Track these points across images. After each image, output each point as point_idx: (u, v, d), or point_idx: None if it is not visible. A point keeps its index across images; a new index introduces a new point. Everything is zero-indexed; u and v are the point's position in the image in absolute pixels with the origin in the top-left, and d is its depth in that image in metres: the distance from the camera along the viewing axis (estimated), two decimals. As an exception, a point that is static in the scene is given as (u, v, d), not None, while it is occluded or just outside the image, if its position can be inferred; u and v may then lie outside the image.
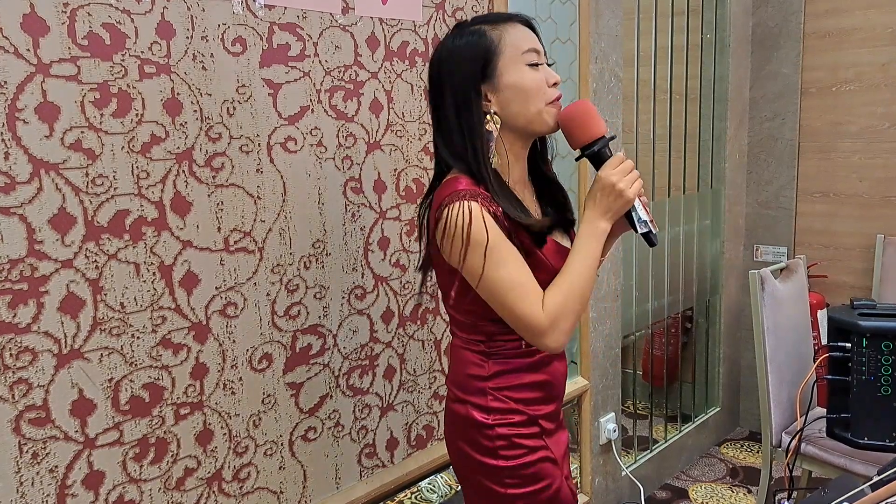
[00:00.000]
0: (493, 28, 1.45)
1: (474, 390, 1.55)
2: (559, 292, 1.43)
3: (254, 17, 1.59)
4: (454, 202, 1.40)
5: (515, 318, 1.42)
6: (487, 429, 1.53)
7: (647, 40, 3.21)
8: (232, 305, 1.62)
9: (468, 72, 1.44)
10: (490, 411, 1.53)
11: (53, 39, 1.32)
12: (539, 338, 1.43)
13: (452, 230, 1.39)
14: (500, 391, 1.54)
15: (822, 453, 2.58)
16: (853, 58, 3.54)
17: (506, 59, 1.44)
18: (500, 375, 1.54)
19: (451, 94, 1.46)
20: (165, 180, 1.49)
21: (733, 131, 3.76)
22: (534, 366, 1.56)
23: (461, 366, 1.58)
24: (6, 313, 1.30)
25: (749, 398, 4.02)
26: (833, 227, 3.70)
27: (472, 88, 1.44)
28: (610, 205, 1.44)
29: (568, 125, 1.48)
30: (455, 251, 1.41)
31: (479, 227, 1.38)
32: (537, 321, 1.41)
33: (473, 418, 1.55)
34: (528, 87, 1.44)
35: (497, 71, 1.44)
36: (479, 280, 1.41)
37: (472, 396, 1.55)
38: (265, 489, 1.74)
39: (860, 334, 2.24)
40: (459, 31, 1.48)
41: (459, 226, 1.38)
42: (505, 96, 1.45)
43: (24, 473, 1.34)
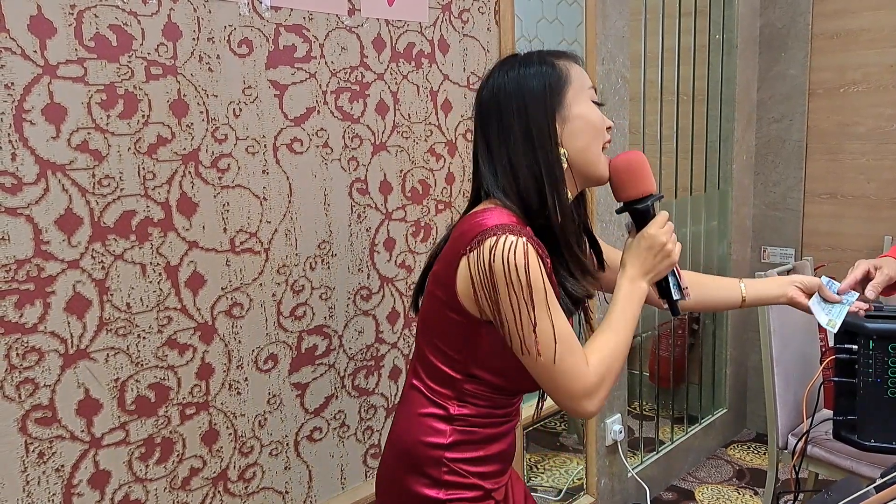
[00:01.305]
0: (557, 59, 1.35)
1: (427, 459, 1.35)
2: (605, 351, 1.29)
3: (260, 18, 1.60)
4: (505, 234, 1.22)
5: (559, 378, 1.25)
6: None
7: (654, 41, 3.21)
8: (238, 306, 1.63)
9: (544, 100, 1.31)
10: (442, 485, 1.34)
11: (60, 41, 1.32)
12: (582, 399, 1.26)
13: (502, 265, 1.20)
14: (457, 463, 1.35)
15: (829, 455, 2.58)
16: (861, 59, 3.53)
17: (574, 90, 1.33)
18: (460, 445, 1.35)
19: (520, 124, 1.31)
20: (172, 181, 1.49)
21: (741, 132, 3.76)
22: (499, 436, 1.40)
23: (414, 429, 1.38)
24: (13, 313, 1.31)
25: (755, 400, 4.01)
26: (840, 229, 3.69)
27: (550, 118, 1.31)
28: (655, 265, 1.35)
29: (623, 175, 1.38)
30: (502, 291, 1.22)
31: (537, 271, 1.21)
32: (585, 379, 1.25)
33: (419, 493, 1.35)
34: (595, 122, 1.34)
35: (566, 101, 1.32)
36: (527, 327, 1.22)
37: (423, 466, 1.35)
38: (270, 489, 1.74)
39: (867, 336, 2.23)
40: (520, 60, 1.36)
41: (514, 263, 1.20)
42: (573, 127, 1.32)
43: (31, 472, 1.35)
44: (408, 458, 1.37)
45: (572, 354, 1.25)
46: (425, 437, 1.35)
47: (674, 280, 1.42)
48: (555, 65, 1.33)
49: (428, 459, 1.34)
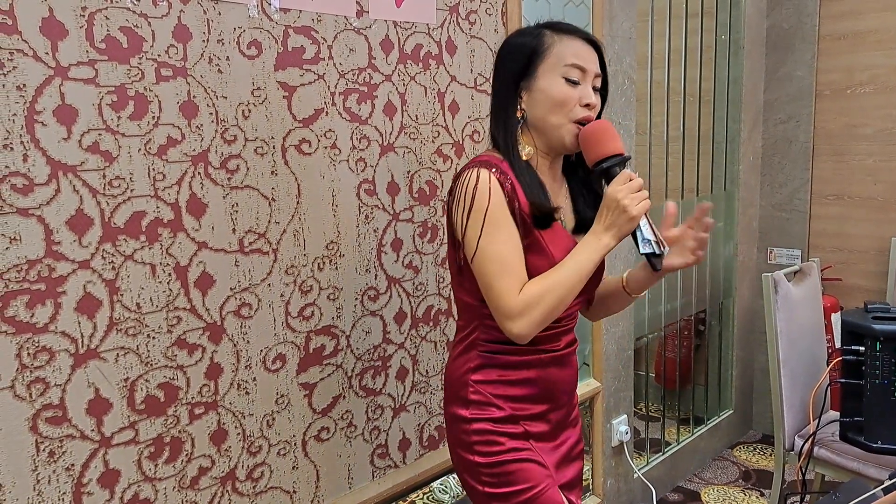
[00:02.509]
0: (552, 34, 1.52)
1: (459, 383, 1.57)
2: (541, 284, 1.44)
3: (269, 20, 1.61)
4: (469, 169, 1.47)
5: (491, 294, 1.45)
6: (465, 423, 1.55)
7: (661, 42, 3.21)
8: (246, 306, 1.64)
9: (513, 66, 1.54)
10: (468, 404, 1.55)
11: (72, 43, 1.33)
12: (506, 320, 1.44)
13: (461, 193, 1.46)
14: (480, 384, 1.55)
15: (835, 457, 2.58)
16: (868, 60, 3.53)
17: (546, 65, 1.50)
18: (483, 368, 1.55)
19: (498, 83, 1.57)
20: (181, 182, 1.50)
21: (747, 133, 3.75)
22: (522, 364, 1.56)
23: (452, 359, 1.62)
24: (24, 313, 1.31)
25: (762, 401, 4.00)
26: (847, 230, 3.69)
27: (512, 81, 1.53)
28: (614, 220, 1.44)
29: (584, 141, 1.50)
30: (459, 215, 1.47)
31: (483, 192, 1.43)
32: (509, 302, 1.43)
33: (454, 412, 1.57)
34: (554, 97, 1.50)
35: (536, 73, 1.51)
36: (470, 246, 1.45)
37: (456, 389, 1.58)
38: (278, 489, 1.75)
39: (874, 338, 2.23)
40: (525, 29, 1.60)
41: (466, 188, 1.45)
42: (533, 98, 1.52)
43: (41, 471, 1.36)
44: (449, 386, 1.62)
45: (503, 276, 1.43)
46: (460, 365, 1.59)
47: (641, 235, 1.48)
48: (542, 38, 1.52)
49: (459, 383, 1.57)
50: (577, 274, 1.44)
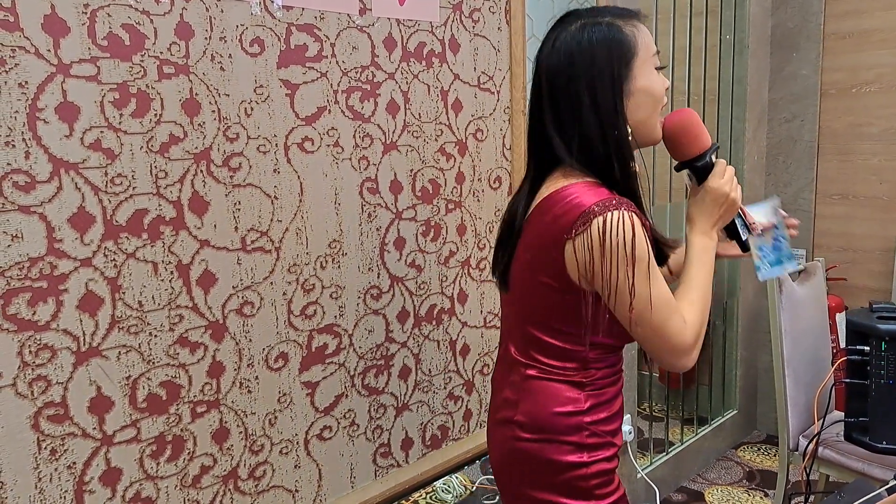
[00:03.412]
0: (625, 23, 1.33)
1: (566, 428, 1.39)
2: (695, 306, 1.35)
3: (272, 18, 1.60)
4: (610, 210, 1.25)
5: (664, 338, 1.31)
6: (582, 468, 1.39)
7: (666, 41, 3.20)
8: (248, 304, 1.63)
9: (612, 70, 1.31)
10: (585, 449, 1.40)
11: (74, 40, 1.33)
12: (682, 357, 1.33)
13: (612, 242, 1.25)
14: (596, 425, 1.41)
15: (840, 457, 2.57)
16: (873, 59, 3.51)
17: (640, 61, 1.33)
18: (596, 408, 1.41)
19: (590, 93, 1.31)
20: (183, 180, 1.50)
21: (752, 133, 3.75)
22: (619, 391, 1.47)
23: (544, 401, 1.41)
24: (26, 311, 1.31)
25: (766, 401, 3.99)
26: (852, 230, 3.67)
27: (619, 90, 1.32)
28: (722, 214, 1.40)
29: (679, 137, 1.41)
30: (609, 267, 1.26)
31: (642, 241, 1.27)
32: (685, 339, 1.32)
33: (564, 461, 1.39)
34: (657, 94, 1.36)
35: (633, 73, 1.32)
36: (643, 300, 1.28)
37: (561, 435, 1.39)
38: (280, 487, 1.75)
39: (879, 337, 2.22)
40: (587, 21, 1.34)
41: (622, 238, 1.25)
42: (636, 101, 1.34)
43: (43, 469, 1.36)
44: (544, 431, 1.41)
45: (672, 317, 1.30)
46: (562, 408, 1.40)
47: (740, 220, 1.46)
48: (623, 31, 1.32)
49: (568, 428, 1.39)
50: (710, 280, 1.39)
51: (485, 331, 2.21)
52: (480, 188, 2.12)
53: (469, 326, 2.17)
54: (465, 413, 2.19)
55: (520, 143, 2.19)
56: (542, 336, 1.40)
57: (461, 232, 2.09)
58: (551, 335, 1.39)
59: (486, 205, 2.15)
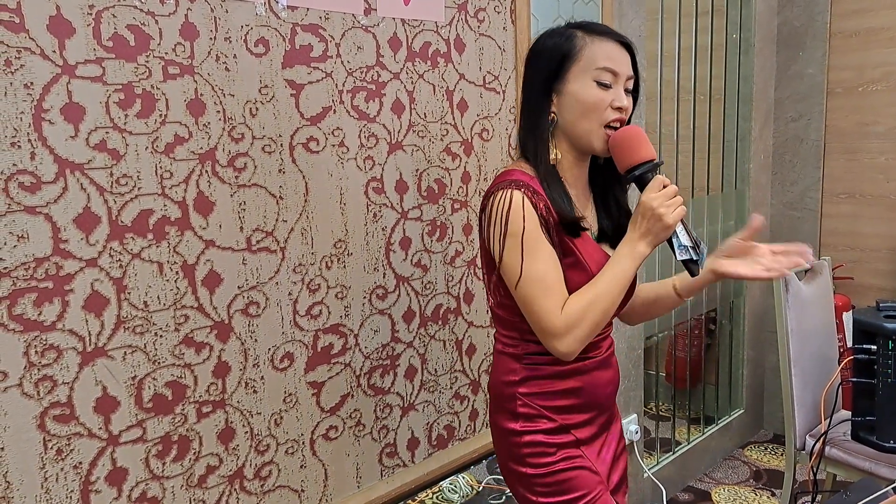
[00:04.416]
0: (583, 35, 1.48)
1: (506, 396, 1.56)
2: (582, 300, 1.42)
3: (276, 18, 1.60)
4: (500, 189, 1.43)
5: (534, 315, 1.43)
6: (516, 436, 1.54)
7: (671, 40, 3.19)
8: (254, 305, 1.63)
9: (544, 69, 1.49)
10: (518, 417, 1.54)
11: (79, 41, 1.33)
12: (551, 339, 1.43)
13: (494, 217, 1.43)
14: (528, 397, 1.53)
15: (847, 456, 2.56)
16: (880, 57, 3.50)
17: (578, 69, 1.46)
18: (529, 381, 1.53)
19: (528, 85, 1.52)
20: (188, 180, 1.50)
21: (758, 132, 3.74)
22: (567, 373, 1.54)
23: (496, 371, 1.60)
24: (32, 311, 1.32)
25: (773, 401, 3.98)
26: (859, 229, 3.66)
27: (543, 86, 1.49)
28: (649, 227, 1.42)
29: (615, 148, 1.47)
30: (493, 238, 1.44)
31: (517, 215, 1.40)
32: (553, 322, 1.41)
33: (504, 426, 1.56)
34: (584, 101, 1.46)
35: (567, 76, 1.47)
36: (509, 269, 1.43)
37: (504, 402, 1.56)
38: (286, 487, 1.75)
39: (886, 336, 2.22)
40: (556, 30, 1.52)
41: (500, 212, 1.42)
42: (564, 102, 1.48)
43: (49, 469, 1.36)
44: (495, 399, 1.61)
45: (545, 296, 1.42)
46: (503, 377, 1.57)
47: (677, 241, 1.45)
48: (573, 39, 1.48)
49: (506, 396, 1.56)
50: (618, 285, 1.43)
51: (491, 330, 2.21)
52: (486, 188, 2.12)
53: (475, 326, 2.16)
54: (472, 413, 2.19)
55: (525, 143, 2.19)
56: (494, 307, 1.59)
57: (467, 231, 2.09)
58: (497, 305, 1.56)
59: (491, 204, 2.14)
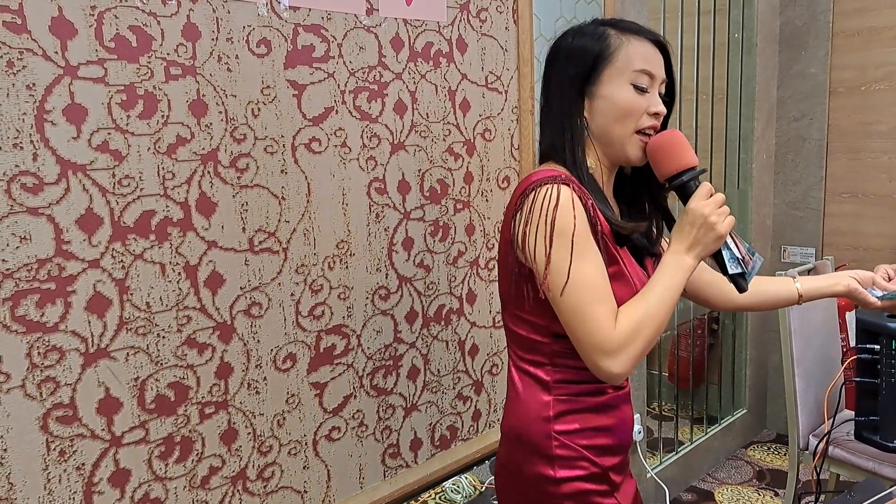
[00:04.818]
0: (618, 35, 1.38)
1: (538, 436, 1.37)
2: (635, 313, 1.28)
3: (278, 18, 1.60)
4: (542, 185, 1.29)
5: (583, 326, 1.27)
6: (553, 484, 1.36)
7: (674, 40, 3.19)
8: (256, 305, 1.63)
9: (574, 70, 1.38)
10: (554, 460, 1.35)
11: (81, 42, 1.33)
12: (602, 357, 1.26)
13: (538, 214, 1.27)
14: (566, 435, 1.36)
15: (850, 456, 2.56)
16: (883, 57, 3.50)
17: (613, 70, 1.36)
18: (566, 415, 1.37)
19: (557, 87, 1.42)
20: (191, 181, 1.50)
21: (760, 131, 3.73)
22: (601, 407, 1.40)
23: (521, 408, 1.40)
24: (34, 312, 1.31)
25: (776, 400, 3.98)
26: (861, 228, 3.66)
27: (574, 88, 1.39)
28: (699, 238, 1.31)
29: (655, 154, 1.38)
30: (536, 239, 1.28)
31: (568, 212, 1.26)
32: (607, 335, 1.25)
33: (535, 472, 1.37)
34: (620, 105, 1.36)
35: (601, 78, 1.37)
36: (559, 274, 1.26)
37: (534, 443, 1.37)
38: (289, 488, 1.74)
39: (889, 336, 2.21)
40: (584, 28, 1.42)
41: (545, 209, 1.27)
42: (596, 106, 1.38)
43: (52, 471, 1.36)
44: (518, 441, 1.39)
45: (598, 304, 1.26)
46: (531, 412, 1.37)
47: (728, 253, 1.36)
48: (607, 39, 1.37)
49: (538, 434, 1.36)
50: (670, 299, 1.30)
51: (494, 331, 2.21)
52: (489, 188, 2.12)
53: (478, 326, 2.16)
54: (475, 413, 2.19)
55: (528, 143, 2.19)
56: (513, 327, 1.43)
57: (470, 232, 2.09)
58: (518, 324, 1.41)
59: (494, 205, 2.14)
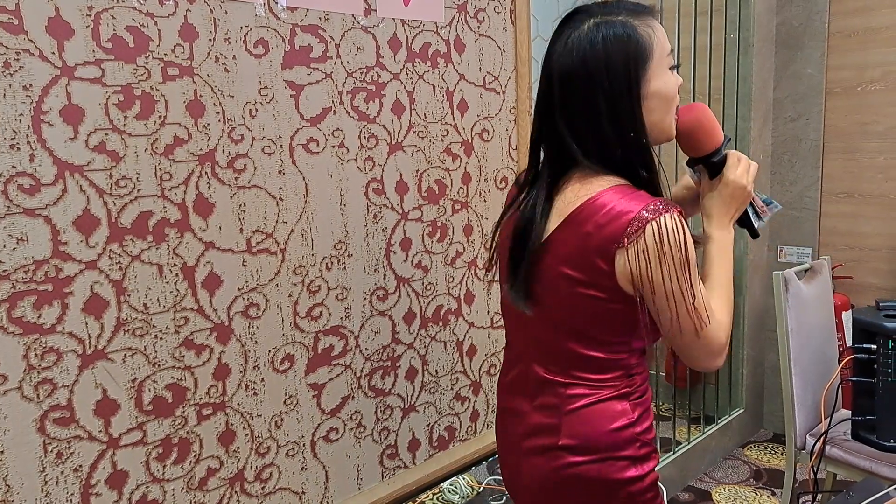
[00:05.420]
0: (641, 23, 1.29)
1: (622, 442, 1.33)
2: (724, 306, 1.32)
3: (276, 19, 1.60)
4: (660, 215, 1.21)
5: (701, 341, 1.27)
6: (638, 482, 1.34)
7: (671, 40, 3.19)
8: (254, 306, 1.63)
9: (629, 74, 1.27)
10: (639, 461, 1.34)
11: (78, 42, 1.33)
12: (718, 357, 1.30)
13: (669, 247, 1.21)
14: (645, 434, 1.36)
15: (847, 456, 2.56)
16: (879, 57, 3.50)
17: (654, 63, 1.29)
18: (643, 416, 1.36)
19: (604, 98, 1.26)
20: (188, 182, 1.50)
21: (757, 132, 3.73)
22: (647, 388, 1.42)
23: (596, 418, 1.34)
24: (31, 314, 1.31)
25: (773, 400, 3.98)
26: (858, 228, 3.66)
27: (636, 94, 1.28)
28: (739, 207, 1.37)
29: (695, 133, 1.38)
30: (665, 271, 1.22)
31: (690, 242, 1.23)
32: (721, 339, 1.28)
33: (623, 478, 1.33)
34: (671, 96, 1.32)
35: (647, 75, 1.28)
36: (692, 299, 1.24)
37: (618, 451, 1.33)
38: (287, 490, 1.74)
39: (886, 336, 2.22)
40: (600, 20, 1.28)
41: (676, 241, 1.21)
42: (650, 104, 1.30)
43: (49, 472, 1.36)
44: (599, 451, 1.33)
45: (710, 318, 1.27)
46: (616, 423, 1.33)
47: (751, 209, 1.43)
48: (638, 32, 1.28)
49: (623, 442, 1.33)
50: (731, 278, 1.35)
51: (492, 331, 2.21)
52: (487, 188, 2.12)
53: (476, 327, 2.16)
54: (472, 414, 2.19)
55: (526, 144, 2.19)
56: (585, 350, 1.33)
57: (468, 232, 2.09)
58: (595, 348, 1.33)
59: (492, 205, 2.14)
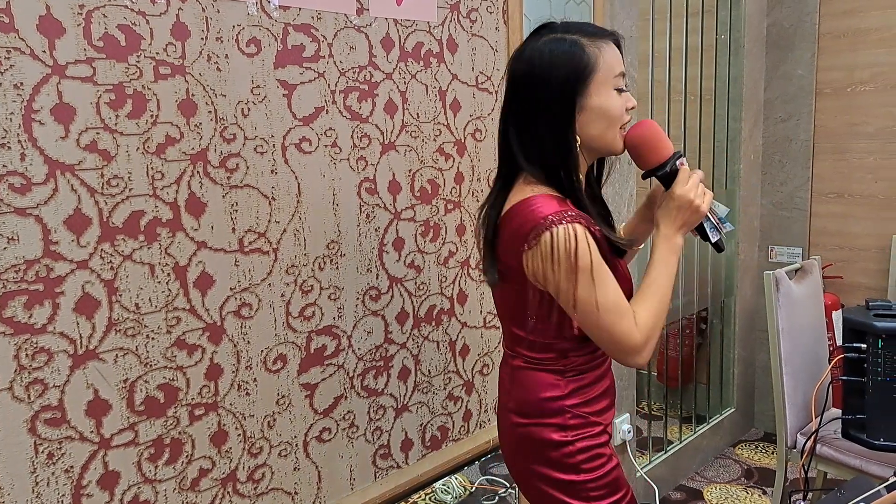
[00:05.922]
0: (591, 43, 1.41)
1: (550, 412, 1.51)
2: (650, 308, 1.43)
3: (268, 18, 1.60)
4: (557, 225, 1.35)
5: (612, 338, 1.41)
6: (567, 446, 1.51)
7: (662, 41, 3.20)
8: (246, 306, 1.62)
9: (567, 86, 1.40)
10: (568, 429, 1.51)
11: (69, 41, 1.32)
12: (633, 356, 1.42)
13: (558, 254, 1.35)
14: (577, 408, 1.51)
15: (838, 454, 2.57)
16: (869, 58, 3.52)
17: (598, 80, 1.40)
18: (577, 392, 1.52)
19: (544, 104, 1.41)
20: (180, 181, 1.49)
21: (748, 132, 3.75)
22: (601, 375, 1.57)
23: (530, 389, 1.53)
24: (22, 314, 1.30)
25: (764, 399, 4.00)
26: (848, 228, 3.68)
27: (571, 103, 1.40)
28: (686, 219, 1.46)
29: (639, 148, 1.47)
30: (557, 275, 1.37)
31: (585, 251, 1.35)
32: (634, 340, 1.40)
33: (551, 439, 1.51)
34: (612, 113, 1.43)
35: (588, 90, 1.40)
36: (579, 303, 1.38)
37: (547, 418, 1.51)
38: (279, 490, 1.74)
39: (875, 335, 2.23)
40: (555, 36, 1.43)
41: (566, 250, 1.34)
42: (587, 117, 1.42)
43: (40, 473, 1.35)
44: (531, 416, 1.53)
45: (622, 319, 1.39)
46: (546, 394, 1.51)
47: (709, 223, 1.51)
48: (585, 49, 1.40)
49: (552, 411, 1.51)
50: (671, 283, 1.46)
51: (484, 331, 2.21)
52: (479, 188, 2.12)
53: (469, 327, 2.16)
54: (465, 414, 2.19)
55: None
56: (520, 332, 1.53)
57: (460, 232, 2.09)
58: (527, 331, 1.52)
59: (483, 205, 2.14)
